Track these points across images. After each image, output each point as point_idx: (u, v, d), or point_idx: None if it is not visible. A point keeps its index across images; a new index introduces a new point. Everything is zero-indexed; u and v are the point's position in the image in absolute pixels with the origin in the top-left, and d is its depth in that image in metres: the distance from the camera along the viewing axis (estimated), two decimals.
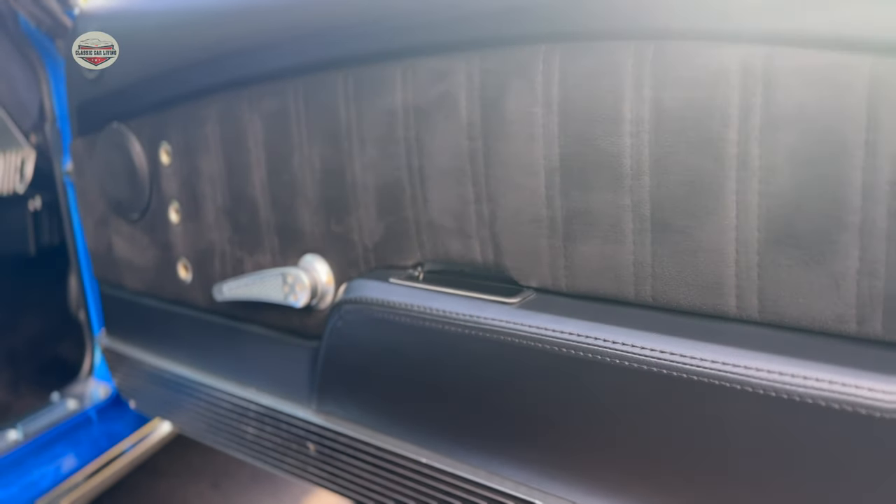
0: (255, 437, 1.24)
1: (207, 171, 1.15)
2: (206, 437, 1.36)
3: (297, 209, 1.05)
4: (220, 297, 1.17)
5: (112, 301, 1.50)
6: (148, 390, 1.47)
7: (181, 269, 1.27)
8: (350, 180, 0.96)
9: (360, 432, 1.04)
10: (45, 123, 1.64)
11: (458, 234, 0.87)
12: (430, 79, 0.84)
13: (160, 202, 1.26)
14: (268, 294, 1.08)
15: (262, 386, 1.21)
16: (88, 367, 1.72)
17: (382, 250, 0.96)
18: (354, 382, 1.02)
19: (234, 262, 1.17)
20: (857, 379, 0.58)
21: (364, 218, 0.96)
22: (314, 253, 1.06)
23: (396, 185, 0.91)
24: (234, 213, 1.13)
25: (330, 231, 1.01)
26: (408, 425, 0.97)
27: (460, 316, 0.82)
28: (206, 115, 1.12)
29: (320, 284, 1.04)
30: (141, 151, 1.26)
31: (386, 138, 0.90)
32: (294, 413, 1.14)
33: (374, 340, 0.94)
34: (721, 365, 0.64)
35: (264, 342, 1.19)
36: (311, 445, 1.14)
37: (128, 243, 1.36)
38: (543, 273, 0.80)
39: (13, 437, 1.45)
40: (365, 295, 0.92)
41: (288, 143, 1.02)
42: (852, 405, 0.58)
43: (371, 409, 1.01)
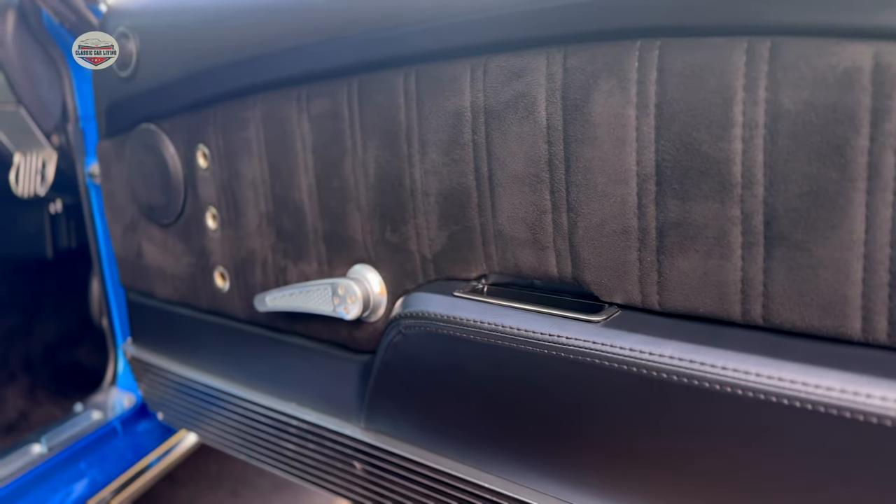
0: (296, 453, 1.18)
1: (249, 175, 1.09)
2: (240, 452, 1.30)
3: (347, 216, 0.99)
4: (262, 307, 1.11)
5: (140, 309, 1.44)
6: (176, 402, 1.41)
7: (218, 278, 1.21)
8: (409, 186, 0.90)
9: (413, 452, 0.98)
10: (68, 124, 1.58)
11: (531, 245, 0.81)
12: (504, 77, 0.78)
13: (196, 207, 1.20)
14: (316, 305, 1.02)
15: (305, 400, 1.15)
16: (111, 375, 1.66)
17: (443, 261, 0.90)
18: (410, 400, 0.96)
19: (276, 270, 1.11)
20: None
21: (423, 226, 0.90)
22: (365, 263, 1.00)
23: (462, 192, 0.85)
24: (279, 219, 1.07)
25: (384, 240, 0.95)
26: (469, 447, 0.91)
27: (538, 334, 0.76)
28: (249, 117, 1.06)
29: (373, 296, 0.98)
30: (175, 154, 1.20)
31: (451, 141, 0.84)
32: (340, 430, 1.08)
33: (436, 358, 0.88)
34: (852, 395, 0.57)
35: (307, 355, 1.13)
36: (357, 464, 1.08)
37: (159, 250, 1.30)
38: (630, 288, 0.74)
39: (38, 451, 1.39)
40: (428, 310, 0.86)
41: (340, 146, 0.96)
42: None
43: (427, 428, 0.95)
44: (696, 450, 0.68)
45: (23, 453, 1.38)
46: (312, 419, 1.13)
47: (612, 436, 0.75)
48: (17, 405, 1.97)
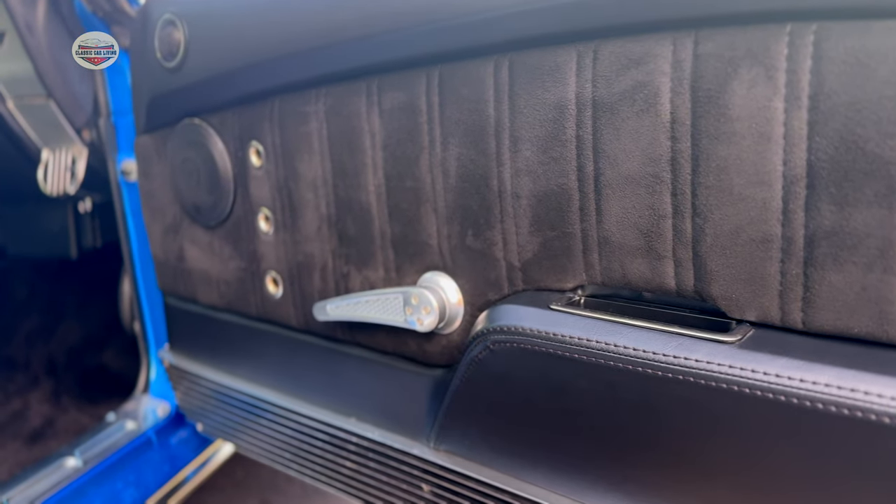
0: (355, 472, 1.10)
1: (309, 174, 1.01)
2: (289, 467, 1.22)
3: (421, 220, 0.90)
4: (322, 316, 1.03)
5: (179, 314, 1.36)
6: (217, 412, 1.33)
7: (269, 284, 1.13)
8: (496, 187, 0.81)
9: (493, 477, 0.90)
10: (100, 118, 1.50)
11: (644, 254, 0.72)
12: (619, 66, 0.70)
13: (247, 208, 1.12)
14: (385, 316, 0.94)
15: (366, 416, 1.07)
16: (144, 383, 1.58)
17: (533, 270, 0.82)
18: (493, 420, 0.88)
19: (337, 277, 1.03)
20: None
21: (512, 231, 0.82)
22: (439, 270, 0.92)
23: (561, 194, 0.77)
24: (342, 222, 0.99)
25: (464, 246, 0.87)
26: (563, 475, 0.83)
27: (659, 356, 0.68)
28: (311, 111, 0.98)
29: (449, 307, 0.90)
30: (224, 151, 1.12)
31: (550, 137, 0.76)
32: (406, 448, 1.00)
33: (529, 377, 0.80)
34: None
35: (370, 368, 1.05)
36: (425, 486, 1.00)
37: (203, 253, 1.22)
38: (768, 304, 0.66)
39: (73, 465, 1.32)
40: (522, 324, 0.78)
41: (415, 143, 0.88)
42: None
43: (512, 452, 0.87)
44: (863, 491, 0.60)
45: (57, 467, 1.31)
46: (374, 436, 1.05)
47: (748, 469, 0.66)
48: (41, 411, 1.90)
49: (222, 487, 2.24)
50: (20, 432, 1.79)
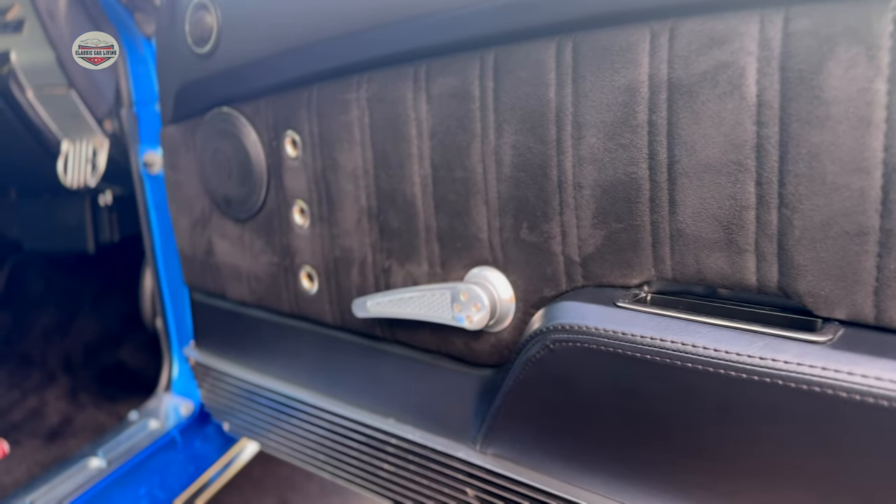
0: (393, 474, 1.06)
1: (349, 165, 0.96)
2: (322, 469, 1.18)
3: (470, 212, 0.86)
4: (361, 312, 0.99)
5: (206, 311, 1.32)
6: (245, 411, 1.29)
7: (304, 279, 1.09)
8: (556, 177, 0.77)
9: (547, 483, 0.86)
10: (122, 108, 1.46)
11: (723, 248, 0.68)
12: (699, 45, 0.65)
13: (281, 200, 1.07)
14: (431, 313, 0.90)
15: (406, 417, 1.03)
16: (166, 381, 1.54)
17: (595, 264, 0.77)
18: (549, 423, 0.83)
19: (378, 272, 0.98)
20: None
21: (572, 224, 0.77)
22: (489, 265, 0.87)
23: (630, 184, 0.72)
24: (384, 215, 0.95)
25: (518, 239, 0.82)
26: (628, 481, 0.78)
27: (743, 357, 0.63)
28: (352, 99, 0.93)
29: (500, 303, 0.86)
30: (257, 141, 1.07)
31: (619, 123, 0.71)
32: (449, 451, 0.96)
33: (593, 378, 0.75)
34: None
35: (411, 367, 1.00)
36: (470, 490, 0.96)
37: (234, 247, 1.18)
38: (861, 302, 0.61)
39: (96, 465, 1.28)
40: (585, 323, 0.73)
41: (467, 130, 0.83)
42: None
43: (569, 457, 0.83)
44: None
45: (81, 468, 1.27)
46: (415, 438, 1.00)
47: (841, 478, 0.62)
48: (58, 409, 1.86)
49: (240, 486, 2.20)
50: (38, 430, 1.75)
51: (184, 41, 1.09)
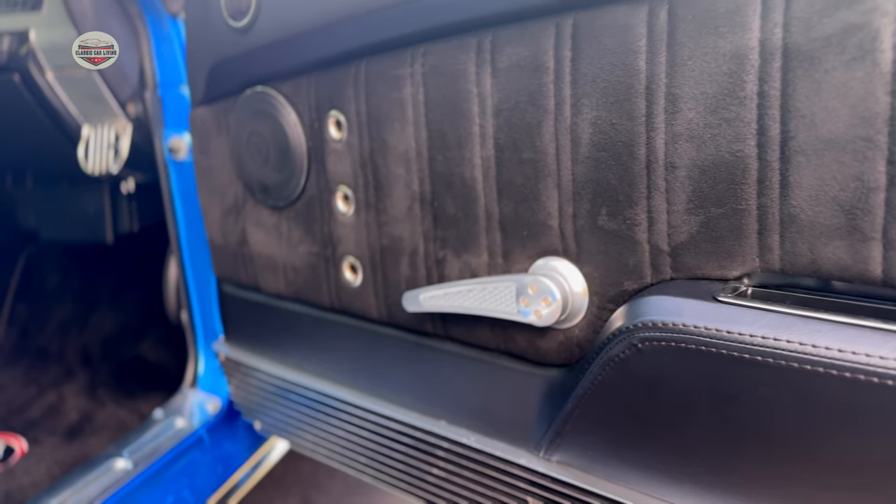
0: (443, 479, 0.98)
1: (401, 146, 0.89)
2: (363, 472, 1.11)
3: (539, 197, 0.78)
4: (412, 307, 0.91)
5: (237, 304, 1.24)
6: (278, 409, 1.22)
7: (347, 270, 1.02)
8: (643, 156, 0.69)
9: (619, 493, 0.79)
10: (146, 91, 1.38)
11: (844, 235, 0.60)
12: (823, 5, 0.57)
13: (322, 186, 1.00)
14: (493, 307, 0.82)
15: (459, 419, 0.96)
16: (192, 377, 1.47)
17: (688, 254, 0.69)
18: (626, 429, 0.76)
19: (430, 263, 0.91)
20: None
21: (661, 209, 0.69)
22: (558, 256, 0.79)
23: (734, 163, 0.64)
24: (439, 201, 0.87)
25: (595, 227, 0.75)
26: (721, 496, 0.70)
27: (875, 359, 0.55)
28: (405, 74, 0.85)
29: (572, 298, 0.78)
30: (297, 122, 1.00)
31: (723, 95, 0.63)
32: (509, 457, 0.89)
33: (687, 381, 0.67)
34: None
35: (466, 366, 0.93)
36: (531, 500, 0.89)
37: (269, 236, 1.10)
38: None
39: (122, 467, 1.21)
40: (681, 320, 0.65)
41: (538, 106, 0.75)
42: None
43: (648, 465, 0.75)
44: None
45: (106, 469, 1.20)
46: (470, 442, 0.93)
47: None
48: (77, 405, 1.80)
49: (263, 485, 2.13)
50: (57, 428, 1.68)
51: (218, 14, 1.01)
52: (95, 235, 1.80)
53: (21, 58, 1.31)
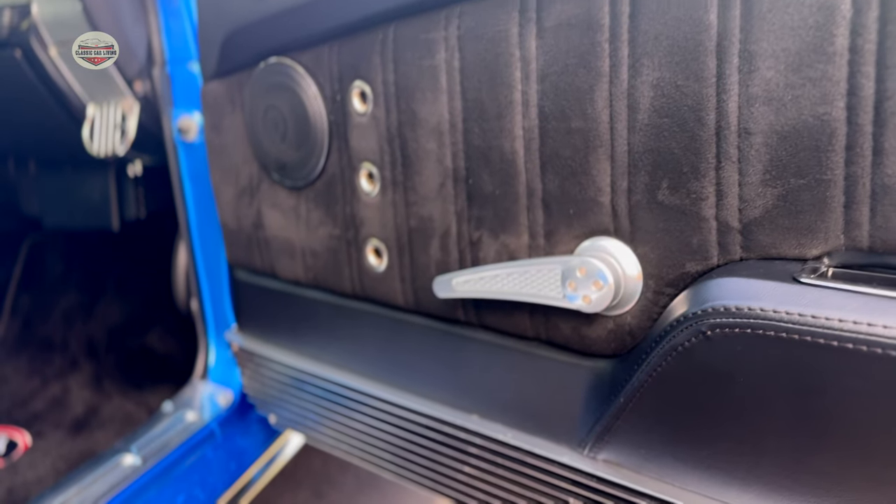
0: (475, 478, 0.92)
1: (433, 118, 0.82)
2: (385, 469, 1.05)
3: (589, 170, 0.71)
4: (444, 292, 0.84)
5: (251, 291, 1.18)
6: (294, 402, 1.16)
7: (371, 254, 0.95)
8: (713, 122, 0.62)
9: (672, 494, 0.72)
10: (154, 67, 1.31)
11: None
12: None
13: (345, 164, 0.93)
14: (536, 291, 0.75)
15: (494, 414, 0.89)
16: (202, 368, 1.41)
17: (762, 231, 0.62)
18: (686, 425, 0.69)
19: (463, 246, 0.84)
20: None
21: (733, 181, 0.62)
22: (609, 235, 0.72)
23: (819, 128, 0.57)
24: (474, 177, 0.80)
25: (653, 202, 0.68)
26: (790, 497, 0.64)
27: None
28: (439, 38, 0.78)
29: (625, 281, 0.71)
30: (318, 95, 0.93)
31: (808, 51, 0.56)
32: (549, 455, 0.82)
33: (763, 372, 0.60)
34: None
35: (502, 356, 0.86)
36: (573, 501, 0.82)
37: (286, 219, 1.03)
38: None
39: (130, 463, 1.15)
40: (759, 304, 0.58)
41: (590, 69, 0.68)
42: None
43: (707, 465, 0.68)
44: None
45: (114, 465, 1.14)
46: (505, 438, 0.86)
47: None
48: (83, 397, 1.73)
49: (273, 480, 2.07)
50: (62, 421, 1.62)
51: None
52: (101, 222, 1.73)
53: (23, 33, 1.24)
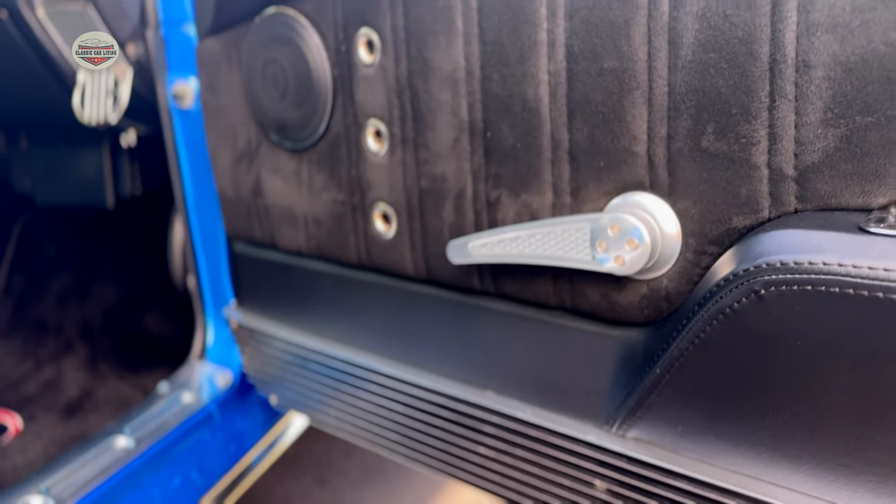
0: (491, 460, 0.85)
1: (447, 65, 0.75)
2: (394, 451, 0.98)
3: (623, 116, 0.64)
4: (459, 258, 0.77)
5: (251, 264, 1.11)
6: (297, 382, 1.09)
7: (378, 220, 0.88)
8: (766, 55, 0.55)
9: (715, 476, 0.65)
10: (147, 29, 1.24)
11: None
12: None
13: (350, 121, 0.86)
14: (562, 254, 0.69)
15: (511, 390, 0.82)
16: (200, 347, 1.34)
17: (823, 178, 0.55)
18: (730, 398, 0.62)
19: (480, 207, 0.77)
20: None
21: (789, 122, 0.55)
22: (643, 190, 0.65)
23: (892, 58, 0.50)
24: (493, 129, 0.73)
25: (697, 150, 0.61)
26: (852, 478, 0.57)
27: None
28: None
29: (662, 240, 0.64)
30: (321, 46, 0.86)
31: None
32: (573, 433, 0.76)
33: (828, 335, 0.54)
34: None
35: (522, 327, 0.79)
36: (599, 483, 0.75)
37: (287, 184, 0.96)
38: None
39: (123, 445, 1.08)
40: (822, 258, 0.51)
41: (626, 1, 0.61)
42: None
43: (755, 441, 0.62)
44: None
45: (105, 448, 1.07)
46: (525, 416, 0.80)
47: None
48: (77, 380, 1.67)
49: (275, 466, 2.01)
50: (54, 404, 1.56)
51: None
52: (95, 199, 1.67)
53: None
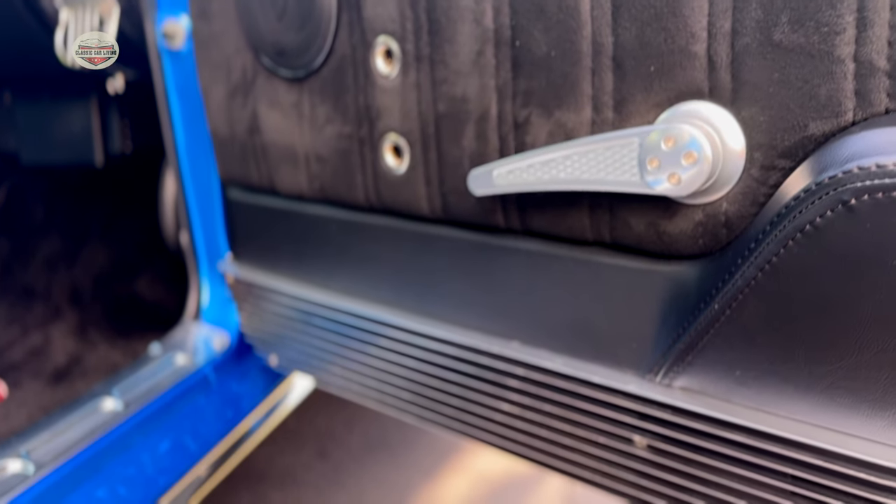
0: (515, 417, 0.77)
1: None
2: (407, 412, 0.90)
3: (679, 9, 0.55)
4: (482, 188, 0.69)
5: (248, 212, 1.02)
6: (298, 339, 1.01)
7: (389, 153, 0.79)
8: None
9: (778, 426, 0.57)
10: None
11: None
12: None
13: (357, 41, 0.77)
14: (603, 177, 0.60)
15: (539, 339, 0.74)
16: (194, 307, 1.25)
17: None
18: (805, 337, 0.53)
19: (506, 130, 0.68)
20: None
21: (882, 3, 0.46)
22: (701, 98, 0.56)
23: None
24: (523, 37, 0.64)
25: (768, 45, 0.52)
26: None
27: None
28: None
29: (726, 156, 0.55)
30: None
31: None
32: (611, 384, 0.67)
33: None
34: None
35: (553, 268, 0.71)
36: (638, 438, 0.67)
37: (286, 119, 0.87)
38: None
39: (111, 408, 1.00)
40: None
41: None
42: None
43: (832, 387, 0.53)
44: None
45: (91, 411, 0.99)
46: (554, 366, 0.71)
47: None
48: (65, 347, 1.59)
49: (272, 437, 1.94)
50: (41, 371, 1.48)
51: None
52: (83, 157, 1.57)
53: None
